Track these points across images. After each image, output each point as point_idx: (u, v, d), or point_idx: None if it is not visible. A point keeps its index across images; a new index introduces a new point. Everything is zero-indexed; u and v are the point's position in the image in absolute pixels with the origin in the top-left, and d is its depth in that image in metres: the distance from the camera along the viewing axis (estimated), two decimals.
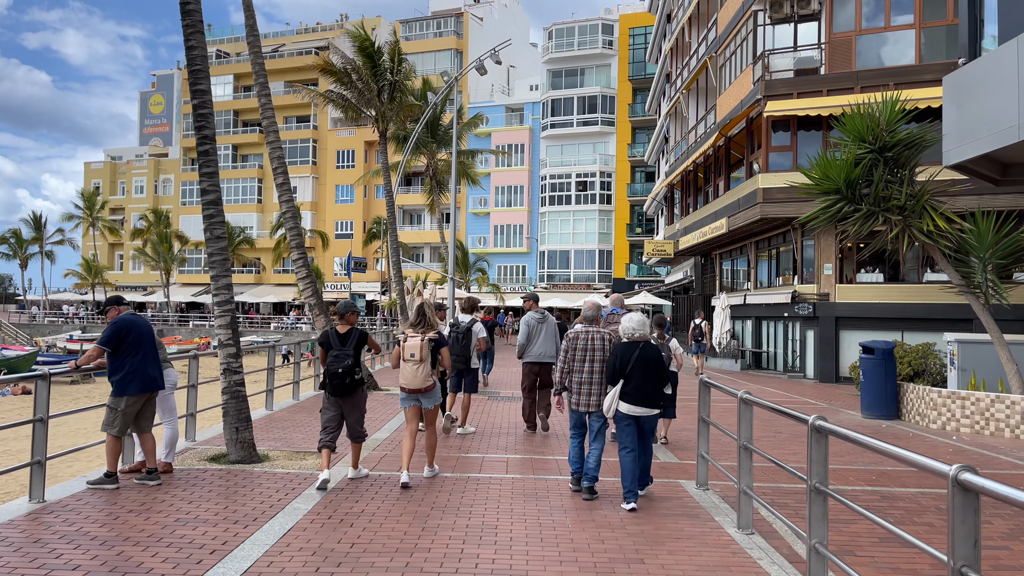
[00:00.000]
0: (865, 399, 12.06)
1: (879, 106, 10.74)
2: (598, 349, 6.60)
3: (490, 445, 8.90)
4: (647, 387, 6.26)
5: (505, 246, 59.96)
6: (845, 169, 10.18)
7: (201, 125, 7.43)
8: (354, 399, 6.84)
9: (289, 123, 68.12)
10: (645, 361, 6.29)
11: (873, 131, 10.57)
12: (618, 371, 6.31)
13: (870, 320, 21.59)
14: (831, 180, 10.41)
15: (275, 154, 13.43)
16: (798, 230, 22.70)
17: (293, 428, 9.79)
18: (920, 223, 10.10)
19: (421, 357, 6.74)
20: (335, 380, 6.64)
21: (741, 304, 26.21)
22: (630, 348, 6.35)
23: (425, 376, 6.80)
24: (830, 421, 4.16)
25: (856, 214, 10.34)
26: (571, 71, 58.83)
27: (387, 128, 20.79)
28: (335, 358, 6.66)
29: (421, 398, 6.95)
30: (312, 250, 63.87)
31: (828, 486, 3.97)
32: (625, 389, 6.27)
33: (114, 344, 6.26)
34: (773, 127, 22.40)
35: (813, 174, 10.80)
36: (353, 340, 6.76)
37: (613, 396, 6.30)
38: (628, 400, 6.26)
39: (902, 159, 10.37)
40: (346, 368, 6.61)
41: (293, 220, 13.48)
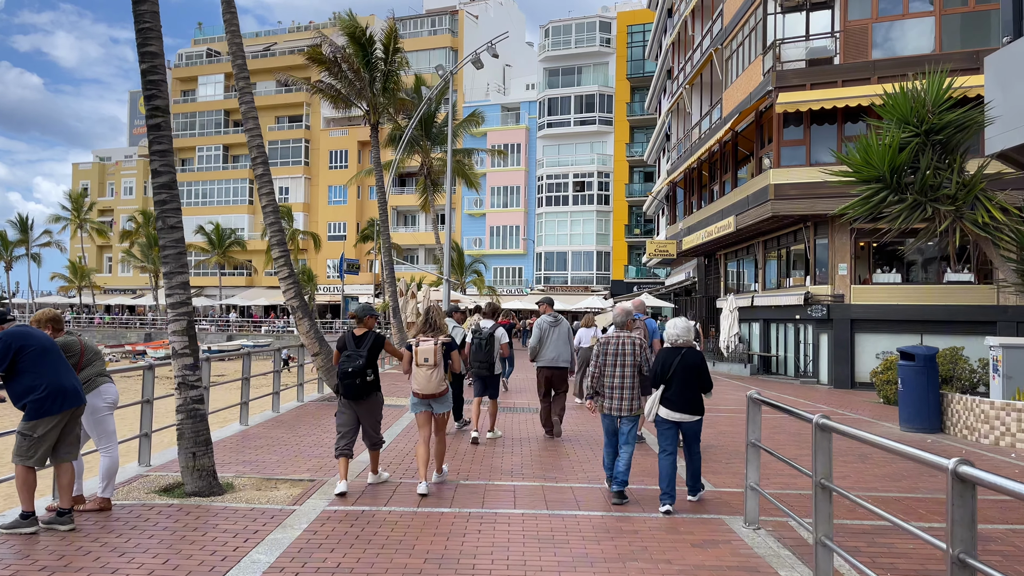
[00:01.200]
0: (904, 410, 10.93)
1: (924, 85, 9.62)
2: (629, 354, 6.63)
3: (495, 469, 7.73)
4: (688, 393, 6.31)
5: (501, 248, 58.80)
6: (890, 154, 9.04)
7: (152, 94, 6.26)
8: (368, 403, 6.77)
9: (281, 123, 66.90)
10: (687, 367, 6.34)
11: (918, 113, 9.43)
12: (659, 376, 6.39)
13: (888, 323, 20.51)
14: (872, 167, 9.28)
15: (254, 143, 12.28)
16: (811, 228, 21.61)
17: (268, 448, 8.60)
18: (973, 215, 8.95)
19: (435, 361, 6.71)
20: (345, 380, 6.58)
21: (749, 306, 25.10)
22: (672, 354, 6.42)
23: (439, 381, 6.74)
24: None
25: (900, 204, 9.19)
26: (568, 70, 57.73)
27: (379, 120, 19.63)
28: (347, 358, 6.62)
29: (433, 403, 6.86)
30: (304, 252, 62.64)
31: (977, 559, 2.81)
32: (666, 394, 6.35)
33: (4, 363, 5.05)
34: (785, 120, 21.29)
35: (852, 160, 9.66)
36: (368, 343, 6.71)
37: (654, 401, 6.42)
38: (669, 405, 6.34)
39: (953, 143, 9.24)
40: (356, 368, 6.53)
41: (274, 215, 12.32)
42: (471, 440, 9.27)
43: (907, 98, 9.53)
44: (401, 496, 6.46)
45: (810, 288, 21.41)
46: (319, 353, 12.51)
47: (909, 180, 9.32)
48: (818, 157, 20.95)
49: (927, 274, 20.75)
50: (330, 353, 12.64)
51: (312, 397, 13.30)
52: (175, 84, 71.22)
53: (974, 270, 20.16)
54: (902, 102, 9.54)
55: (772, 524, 5.78)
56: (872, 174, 9.29)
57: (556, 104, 56.95)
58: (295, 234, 56.12)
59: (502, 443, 9.28)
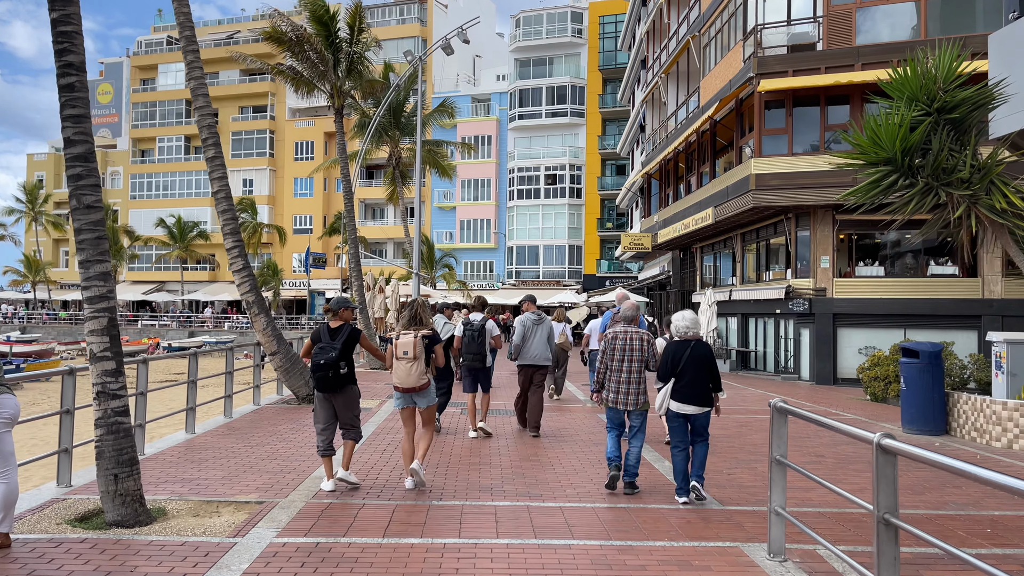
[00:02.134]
0: (907, 411, 10.23)
1: (935, 60, 8.88)
2: (636, 349, 6.69)
3: (472, 485, 6.83)
4: (699, 386, 6.33)
5: (472, 241, 57.78)
6: (901, 134, 8.28)
7: (63, 48, 5.23)
8: (344, 396, 6.62)
9: (245, 113, 65.12)
10: (697, 360, 6.36)
11: (929, 90, 8.68)
12: (670, 370, 6.41)
13: (871, 317, 19.99)
14: (882, 148, 8.51)
15: (204, 123, 11.19)
16: (792, 219, 20.99)
17: (214, 461, 7.60)
18: (989, 200, 8.23)
19: (415, 355, 6.61)
20: (317, 372, 6.47)
21: (726, 300, 24.46)
22: (682, 347, 6.45)
23: (419, 374, 6.64)
24: None
25: (912, 189, 8.44)
26: (539, 60, 56.82)
27: (343, 105, 18.56)
28: (320, 350, 6.51)
29: (415, 397, 6.76)
30: (269, 246, 61.03)
31: None
32: (676, 387, 6.36)
33: None
34: (766, 108, 20.63)
35: (858, 140, 8.88)
36: (343, 336, 6.60)
37: (665, 394, 6.44)
38: (679, 399, 6.35)
39: (968, 123, 8.51)
40: (328, 360, 6.42)
41: (227, 202, 11.26)
42: (470, 438, 9.24)
43: (917, 74, 8.76)
44: (365, 521, 5.54)
45: (791, 282, 20.80)
46: (277, 352, 11.49)
47: (919, 163, 8.56)
48: (801, 147, 20.33)
49: (910, 267, 20.25)
50: (288, 352, 11.65)
51: (270, 400, 12.27)
52: (134, 73, 69.09)
53: (959, 263, 19.70)
54: (912, 78, 8.78)
55: (798, 553, 4.95)
56: (882, 155, 8.52)
57: (527, 95, 56.02)
58: (259, 227, 54.54)
59: (479, 452, 8.39)
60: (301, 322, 52.61)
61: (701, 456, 6.43)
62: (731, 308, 24.62)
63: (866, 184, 8.75)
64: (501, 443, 9.03)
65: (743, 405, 13.47)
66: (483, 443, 8.99)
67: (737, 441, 9.39)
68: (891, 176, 8.54)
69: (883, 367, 16.00)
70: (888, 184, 8.53)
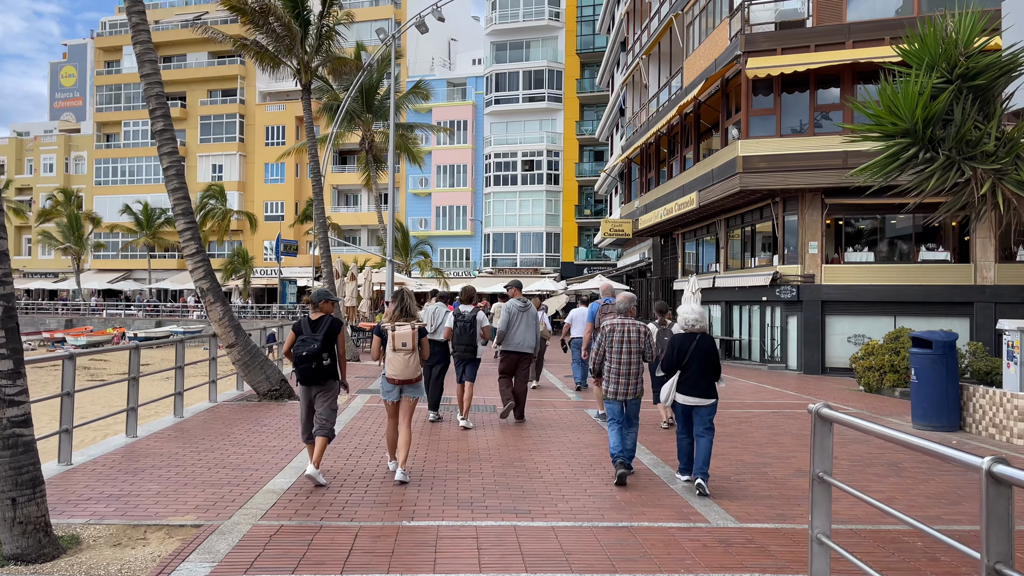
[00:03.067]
0: (919, 405, 9.50)
1: (955, 23, 8.08)
2: (634, 340, 6.77)
3: (449, 498, 5.94)
4: (705, 378, 6.42)
5: (448, 228, 56.71)
6: (922, 103, 7.47)
7: None
8: (324, 388, 6.56)
9: (214, 97, 63.30)
10: (703, 352, 6.44)
11: (949, 55, 7.88)
12: (676, 362, 6.48)
13: (860, 304, 19.38)
14: (900, 118, 7.70)
15: (152, 91, 10.14)
16: (779, 203, 20.29)
17: (152, 471, 6.63)
18: (1018, 175, 7.47)
19: (413, 346, 6.62)
20: (300, 364, 6.44)
21: (710, 287, 23.75)
22: (688, 339, 6.53)
23: (416, 366, 6.67)
24: None
25: (933, 164, 7.65)
26: (516, 44, 55.69)
27: (311, 81, 17.49)
28: (301, 342, 6.47)
29: (407, 389, 6.74)
30: (240, 233, 59.49)
31: None
32: (682, 379, 6.44)
33: None
34: (754, 88, 19.86)
35: (873, 110, 8.07)
36: (324, 328, 6.54)
37: (671, 386, 6.51)
38: (684, 391, 6.43)
39: (993, 90, 7.73)
40: (311, 352, 6.38)
41: (178, 179, 10.22)
42: (462, 428, 9.19)
43: (936, 39, 7.95)
44: (321, 549, 4.63)
45: (778, 268, 20.12)
46: (235, 344, 10.49)
47: (941, 135, 7.77)
48: (790, 127, 19.60)
49: (901, 253, 19.65)
50: (247, 344, 10.66)
51: (228, 396, 11.27)
52: (98, 55, 66.90)
53: (950, 248, 19.13)
54: (931, 43, 7.96)
55: None
56: (900, 127, 7.71)
57: (504, 79, 54.91)
58: (228, 214, 52.99)
59: (457, 456, 7.51)
60: (272, 310, 51.28)
61: (705, 450, 6.35)
62: (715, 295, 23.93)
63: (882, 159, 7.94)
64: (482, 444, 8.16)
65: (736, 398, 12.72)
66: (463, 445, 8.11)
67: (739, 440, 8.59)
68: (911, 149, 7.72)
69: (877, 356, 15.36)
70: (907, 158, 7.73)
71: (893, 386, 14.88)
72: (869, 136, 8.12)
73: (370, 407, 10.64)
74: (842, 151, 18.70)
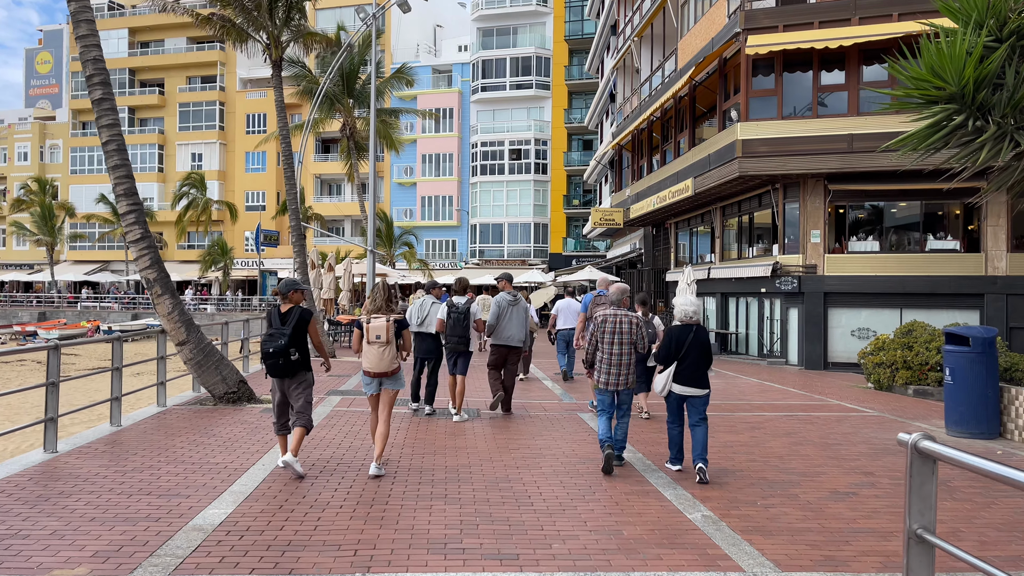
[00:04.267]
0: (954, 410, 8.47)
1: None
2: (627, 332, 6.78)
3: (418, 533, 4.84)
4: (701, 369, 6.60)
5: (433, 219, 55.45)
6: (972, 63, 6.40)
7: None
8: (295, 382, 6.48)
9: (193, 84, 61.65)
10: (700, 344, 6.60)
11: (997, 10, 6.82)
12: (673, 353, 6.63)
13: (865, 296, 18.44)
14: (945, 82, 6.63)
15: (89, 55, 8.93)
16: (780, 190, 19.27)
17: (58, 500, 5.45)
18: None
19: (388, 339, 6.57)
20: (268, 360, 6.38)
21: (705, 279, 22.75)
22: (685, 331, 6.69)
23: (391, 359, 6.60)
24: None
25: (983, 134, 6.59)
26: (503, 30, 54.36)
27: (281, 58, 16.28)
28: (269, 336, 6.43)
29: (386, 382, 6.68)
30: (220, 224, 57.99)
31: None
32: (679, 370, 6.59)
33: None
34: (754, 68, 18.80)
35: (914, 72, 6.98)
36: (293, 320, 6.46)
37: (668, 377, 6.64)
38: (681, 381, 6.60)
39: None
40: (278, 348, 6.32)
41: (119, 156, 9.02)
42: (454, 421, 9.04)
43: None
44: None
45: (779, 258, 19.12)
46: (186, 341, 9.32)
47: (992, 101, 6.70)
48: (792, 109, 18.56)
49: (907, 242, 18.69)
50: (201, 342, 9.49)
51: (181, 399, 10.09)
52: (73, 40, 64.95)
53: (959, 237, 18.19)
54: None
55: None
56: (948, 90, 6.64)
57: (490, 66, 53.59)
58: (208, 204, 51.49)
59: (432, 476, 6.40)
60: (253, 303, 49.94)
61: (702, 439, 6.52)
62: (710, 287, 22.92)
63: (925, 128, 6.87)
64: (464, 457, 7.06)
65: (742, 397, 11.67)
66: (442, 460, 7.01)
67: (757, 452, 7.53)
68: (957, 117, 6.65)
69: (888, 352, 14.38)
70: (954, 127, 6.66)
71: (906, 383, 13.92)
72: (909, 102, 7.03)
73: (339, 412, 9.51)
74: (847, 134, 17.70)
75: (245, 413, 9.10)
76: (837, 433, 8.46)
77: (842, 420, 9.39)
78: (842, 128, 17.76)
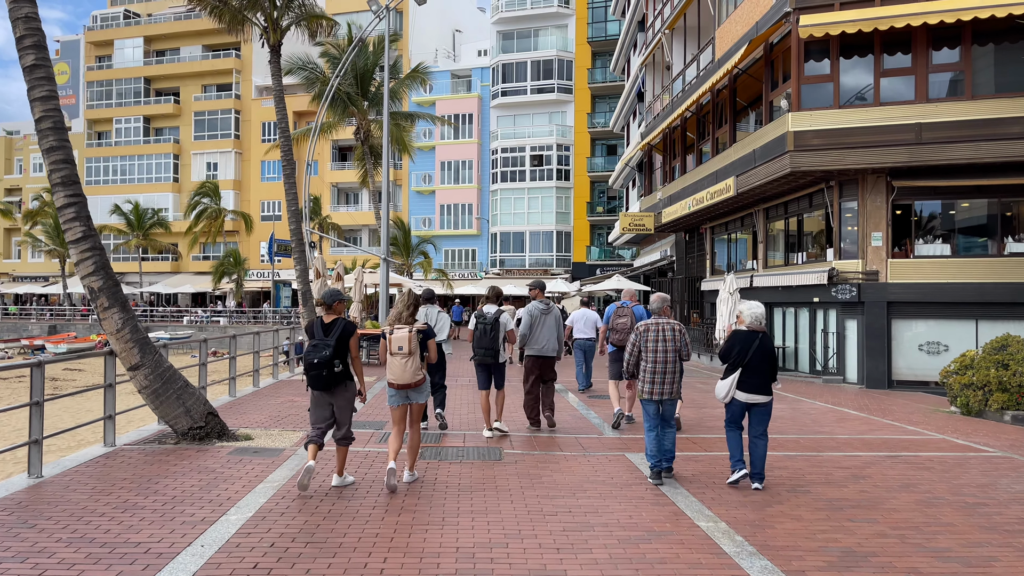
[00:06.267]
0: None
1: None
2: (671, 340, 6.77)
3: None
4: (766, 376, 6.51)
5: (452, 228, 53.72)
6: None
7: None
8: (340, 394, 6.31)
9: (208, 92, 60.61)
10: (764, 351, 6.52)
11: None
12: (738, 360, 6.53)
13: (934, 306, 16.38)
14: None
15: (21, 12, 7.19)
16: (834, 188, 17.28)
17: None
18: None
19: (410, 350, 6.41)
20: (310, 372, 6.20)
21: (747, 287, 20.73)
22: (751, 338, 6.56)
23: (415, 370, 6.43)
24: None
25: None
26: (523, 32, 52.69)
27: (280, 42, 14.59)
28: (313, 348, 6.23)
29: (411, 393, 6.51)
30: (236, 234, 56.72)
31: None
32: (743, 378, 6.50)
33: None
34: (806, 52, 16.85)
35: None
36: (337, 331, 6.27)
37: (731, 384, 6.55)
38: (747, 388, 6.51)
39: None
40: (322, 359, 6.13)
41: (56, 135, 7.26)
42: (485, 439, 8.58)
43: None
44: None
45: (835, 263, 17.08)
46: (140, 365, 7.53)
47: None
48: (848, 97, 16.58)
49: (983, 245, 16.59)
50: (159, 366, 7.68)
51: (139, 436, 8.26)
52: (89, 49, 64.34)
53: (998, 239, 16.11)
54: None
55: None
56: None
57: (511, 70, 51.92)
58: (222, 213, 50.13)
59: (438, 543, 4.52)
60: (266, 313, 48.38)
61: (763, 454, 6.52)
62: (753, 296, 20.86)
63: None
64: (480, 533, 5.17)
65: (820, 429, 9.65)
66: (447, 537, 5.12)
67: (881, 519, 5.53)
68: None
69: (979, 371, 12.33)
70: None
71: (1002, 408, 11.87)
72: None
73: None
74: (914, 123, 15.69)
75: (209, 456, 7.26)
76: (970, 485, 6.49)
77: (963, 464, 7.41)
78: (908, 117, 15.76)
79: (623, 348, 10.10)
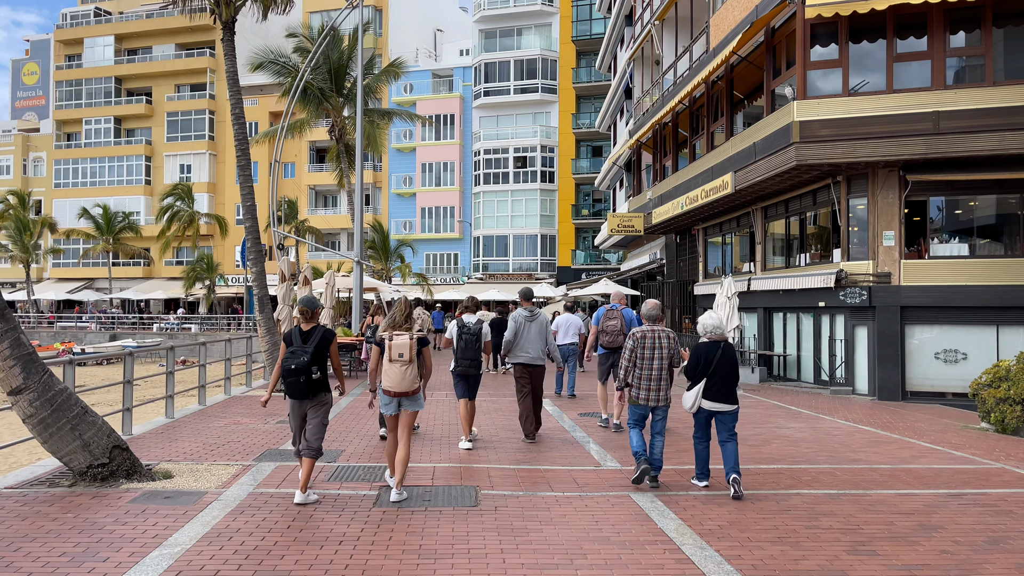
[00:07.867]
0: None
1: None
2: (664, 347, 6.85)
3: None
4: (730, 384, 6.64)
5: (434, 231, 52.16)
6: None
7: None
8: (315, 403, 6.28)
9: (182, 92, 58.75)
10: (728, 360, 6.65)
11: None
12: (702, 370, 6.65)
13: (952, 311, 15.08)
14: None
15: None
16: (842, 183, 15.96)
17: None
18: None
19: (410, 357, 6.36)
20: (288, 378, 6.15)
21: (744, 291, 19.39)
22: (713, 347, 6.70)
23: (413, 378, 6.40)
24: None
25: None
26: (506, 31, 51.30)
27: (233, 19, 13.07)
28: (291, 354, 6.19)
29: (405, 402, 6.47)
30: (210, 238, 54.84)
31: None
32: (708, 387, 6.63)
33: None
34: (812, 34, 15.53)
35: None
36: (315, 339, 6.25)
37: (697, 394, 6.66)
38: (712, 397, 6.63)
39: None
40: (300, 365, 6.10)
41: None
42: (463, 450, 8.33)
43: None
44: None
45: (843, 265, 15.75)
46: (23, 389, 5.96)
47: None
48: (858, 84, 15.26)
49: (1005, 244, 15.30)
50: (48, 391, 6.12)
51: (21, 477, 6.64)
52: (58, 48, 62.29)
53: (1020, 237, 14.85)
54: None
55: None
56: None
57: (494, 70, 50.49)
58: (196, 217, 48.28)
59: None
60: (240, 321, 46.59)
61: (734, 452, 6.56)
62: (751, 301, 19.55)
63: None
64: None
65: (854, 457, 8.20)
66: None
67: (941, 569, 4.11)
68: None
69: (1016, 384, 10.97)
70: None
71: None
72: None
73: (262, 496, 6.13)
74: (931, 111, 14.39)
75: (104, 505, 5.69)
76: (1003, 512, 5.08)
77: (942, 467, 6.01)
78: (925, 105, 14.46)
79: (612, 350, 10.26)
